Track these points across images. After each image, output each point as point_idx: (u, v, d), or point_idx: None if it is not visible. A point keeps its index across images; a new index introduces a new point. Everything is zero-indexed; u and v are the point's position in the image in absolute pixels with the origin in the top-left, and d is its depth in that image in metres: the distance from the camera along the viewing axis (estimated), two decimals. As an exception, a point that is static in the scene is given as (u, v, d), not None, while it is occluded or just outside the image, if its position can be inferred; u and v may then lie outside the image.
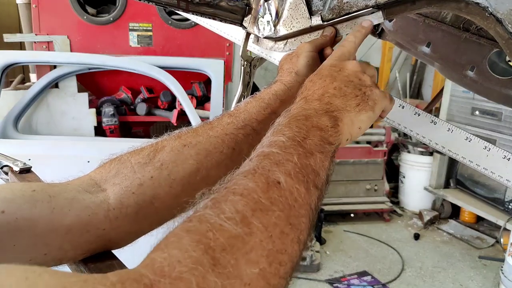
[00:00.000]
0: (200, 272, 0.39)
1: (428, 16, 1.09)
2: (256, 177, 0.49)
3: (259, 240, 0.43)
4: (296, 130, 0.56)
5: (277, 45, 0.91)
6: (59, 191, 0.59)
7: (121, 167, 0.65)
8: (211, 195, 0.48)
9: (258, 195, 0.46)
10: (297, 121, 0.58)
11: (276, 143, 0.54)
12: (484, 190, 4.01)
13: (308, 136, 0.56)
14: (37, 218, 0.55)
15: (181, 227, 0.43)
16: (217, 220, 0.43)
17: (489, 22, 0.67)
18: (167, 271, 0.39)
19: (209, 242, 0.41)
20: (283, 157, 0.51)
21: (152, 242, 0.46)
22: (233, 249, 0.42)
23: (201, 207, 0.46)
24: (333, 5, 0.81)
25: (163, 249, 0.41)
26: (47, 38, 3.04)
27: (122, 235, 0.63)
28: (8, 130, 2.60)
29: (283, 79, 0.77)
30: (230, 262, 0.41)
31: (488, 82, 1.03)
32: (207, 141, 0.69)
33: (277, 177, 0.49)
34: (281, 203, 0.47)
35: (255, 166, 0.50)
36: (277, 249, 0.44)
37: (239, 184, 0.48)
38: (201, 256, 0.40)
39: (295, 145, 0.54)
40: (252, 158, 0.53)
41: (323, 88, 0.64)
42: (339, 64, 0.68)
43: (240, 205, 0.45)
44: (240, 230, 0.43)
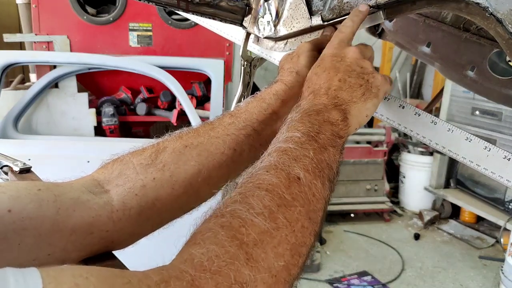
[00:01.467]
0: (236, 266, 0.41)
1: (428, 16, 1.09)
2: (278, 172, 0.51)
3: (284, 234, 0.46)
4: (309, 125, 0.58)
5: (277, 45, 0.91)
6: (63, 190, 0.59)
7: (124, 168, 0.65)
8: (237, 189, 0.50)
9: (281, 191, 0.49)
10: (309, 116, 0.60)
11: (292, 139, 0.56)
12: (484, 190, 4.01)
13: (321, 131, 0.58)
14: (42, 218, 0.55)
15: (215, 222, 0.46)
16: (248, 216, 0.46)
17: (489, 22, 0.67)
18: (207, 266, 0.41)
19: (243, 238, 0.44)
20: (300, 153, 0.54)
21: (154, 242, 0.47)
22: (263, 243, 0.44)
23: (230, 201, 0.48)
24: (333, 5, 0.81)
25: (200, 243, 0.43)
26: (47, 38, 3.04)
27: (124, 237, 0.64)
28: (8, 130, 2.60)
29: (284, 79, 0.77)
30: (261, 256, 0.44)
31: (488, 82, 1.03)
32: (208, 142, 0.69)
33: (297, 173, 0.51)
34: (302, 198, 0.50)
35: (275, 162, 0.53)
36: (299, 242, 0.48)
37: (263, 179, 0.50)
38: (237, 251, 0.43)
39: (310, 140, 0.56)
40: (270, 152, 0.55)
41: (328, 81, 0.66)
42: (340, 53, 0.69)
43: (266, 200, 0.48)
44: (268, 225, 0.46)
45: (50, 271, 0.35)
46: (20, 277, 0.33)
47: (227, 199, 0.49)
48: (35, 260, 0.55)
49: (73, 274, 0.36)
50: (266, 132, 0.73)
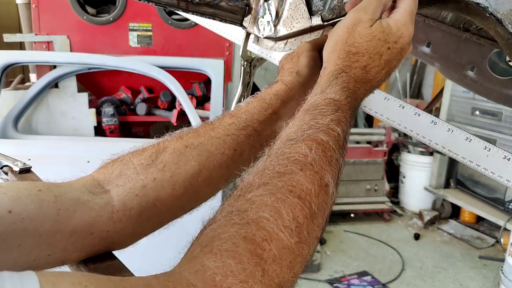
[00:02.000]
0: (249, 285, 0.40)
1: (428, 16, 1.09)
2: (313, 176, 0.48)
3: (302, 248, 0.45)
4: (347, 124, 0.56)
5: (277, 45, 0.91)
6: (64, 191, 0.59)
7: (124, 168, 0.65)
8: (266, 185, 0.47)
9: (312, 200, 0.47)
10: (349, 111, 0.58)
11: (334, 135, 0.53)
12: (484, 190, 4.01)
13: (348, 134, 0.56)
14: (43, 218, 0.55)
15: (238, 230, 0.43)
16: (275, 229, 0.43)
17: (489, 22, 0.67)
18: (218, 282, 0.39)
19: (263, 254, 0.42)
20: (335, 157, 0.52)
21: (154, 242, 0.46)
22: (281, 259, 0.43)
23: (259, 203, 0.45)
24: (333, 5, 0.81)
25: (217, 254, 0.41)
26: (47, 38, 3.04)
27: (125, 237, 0.63)
28: (8, 130, 2.60)
29: (284, 79, 0.77)
30: (276, 271, 0.42)
31: (488, 82, 1.03)
32: (208, 142, 0.69)
33: (328, 181, 0.49)
34: (323, 209, 0.48)
35: (312, 159, 0.49)
36: (310, 253, 0.47)
37: (297, 181, 0.47)
38: (254, 269, 0.41)
39: (343, 144, 0.54)
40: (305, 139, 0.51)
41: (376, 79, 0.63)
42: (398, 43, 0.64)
43: (297, 211, 0.45)
44: (292, 241, 0.44)
45: (49, 276, 0.35)
46: (18, 281, 0.32)
47: (255, 196, 0.46)
48: (35, 260, 0.55)
49: (72, 282, 0.36)
50: (266, 132, 0.73)
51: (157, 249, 1.48)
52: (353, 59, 0.63)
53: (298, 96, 0.76)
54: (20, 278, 0.33)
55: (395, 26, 0.64)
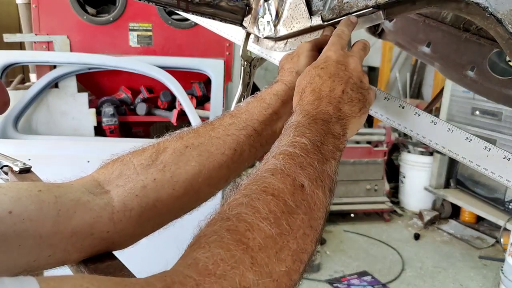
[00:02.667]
0: (241, 270, 0.41)
1: (428, 16, 1.09)
2: (284, 177, 0.51)
3: (286, 241, 0.47)
4: (316, 134, 0.59)
5: (277, 45, 0.91)
6: (64, 191, 0.59)
7: (124, 168, 0.65)
8: (242, 191, 0.50)
9: (286, 197, 0.49)
10: (316, 124, 0.60)
11: (299, 145, 0.56)
12: (484, 190, 4.01)
13: (325, 142, 0.59)
14: (43, 219, 0.55)
15: (220, 225, 0.46)
16: (254, 220, 0.46)
17: (489, 22, 0.67)
18: (212, 270, 0.41)
19: (249, 242, 0.44)
20: (306, 161, 0.54)
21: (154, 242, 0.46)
22: (267, 248, 0.45)
23: (235, 204, 0.48)
24: (333, 5, 0.81)
25: (205, 247, 0.43)
26: (47, 38, 3.04)
27: (125, 237, 0.63)
28: (8, 130, 2.60)
29: (284, 78, 0.77)
30: (264, 260, 0.44)
31: (488, 82, 1.03)
32: (209, 142, 0.69)
33: (302, 181, 0.52)
34: (304, 206, 0.50)
35: (281, 166, 0.53)
36: (300, 249, 0.48)
37: (269, 183, 0.51)
38: (242, 255, 0.43)
39: (315, 150, 0.57)
40: (275, 155, 0.56)
41: (332, 90, 0.66)
42: (344, 61, 0.70)
43: (272, 205, 0.48)
44: (273, 231, 0.46)
45: (50, 281, 0.35)
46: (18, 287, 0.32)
47: (232, 201, 0.49)
48: (35, 261, 0.55)
49: (74, 285, 0.36)
50: (266, 132, 0.73)
51: (157, 249, 1.48)
52: (302, 94, 0.68)
53: None
54: (21, 284, 0.33)
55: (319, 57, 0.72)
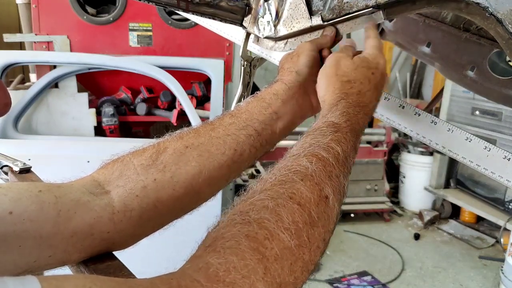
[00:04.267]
0: (252, 280, 0.41)
1: (428, 16, 1.09)
2: (313, 186, 0.51)
3: (302, 253, 0.46)
4: (348, 145, 0.59)
5: (277, 45, 0.91)
6: (64, 192, 0.59)
7: (124, 169, 0.65)
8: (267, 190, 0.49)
9: (311, 208, 0.49)
10: (351, 135, 0.61)
11: (334, 153, 0.56)
12: (484, 190, 4.01)
13: (350, 156, 0.59)
14: (43, 220, 0.55)
15: (240, 229, 0.45)
16: (275, 229, 0.45)
17: (489, 22, 0.67)
18: (221, 276, 0.40)
19: (265, 252, 0.43)
20: (335, 172, 0.54)
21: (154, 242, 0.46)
22: (283, 259, 0.44)
23: (260, 205, 0.47)
24: (333, 5, 0.81)
25: (220, 252, 0.42)
26: (47, 38, 3.04)
27: (125, 238, 0.63)
28: (8, 130, 2.60)
29: (284, 78, 0.77)
30: (277, 271, 0.43)
31: (488, 82, 1.03)
32: (209, 142, 0.69)
33: (328, 193, 0.52)
34: (324, 219, 0.50)
35: (312, 171, 0.52)
36: (310, 260, 0.48)
37: (297, 189, 0.50)
38: (256, 265, 0.42)
39: (344, 162, 0.57)
40: (307, 154, 0.55)
41: (372, 101, 0.69)
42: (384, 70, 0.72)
43: (296, 215, 0.47)
44: (292, 242, 0.45)
45: (51, 280, 0.34)
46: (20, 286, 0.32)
47: (256, 200, 0.48)
48: (35, 261, 0.55)
49: (76, 285, 0.35)
50: (266, 132, 0.73)
51: (157, 249, 1.48)
52: (348, 86, 0.68)
53: (298, 95, 0.76)
54: (23, 284, 0.32)
55: (370, 56, 0.73)
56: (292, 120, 0.76)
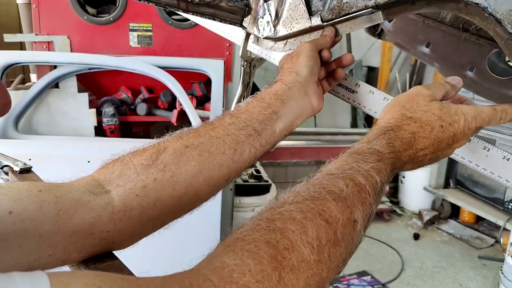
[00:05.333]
0: (265, 286, 0.41)
1: (428, 17, 1.09)
2: (344, 208, 0.51)
3: (321, 269, 0.46)
4: (385, 177, 0.58)
5: (277, 45, 0.91)
6: (64, 191, 0.59)
7: (124, 168, 0.65)
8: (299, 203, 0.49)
9: (337, 227, 0.49)
10: (390, 167, 0.60)
11: (372, 181, 0.55)
12: (484, 190, 4.01)
13: (383, 187, 0.59)
14: (43, 219, 0.55)
15: (262, 235, 0.45)
16: (298, 242, 0.45)
17: (488, 23, 0.67)
18: (235, 278, 0.40)
19: (283, 261, 0.43)
20: (368, 200, 0.54)
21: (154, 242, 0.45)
22: (299, 271, 0.44)
23: (287, 215, 0.47)
24: (332, 6, 0.81)
25: (238, 253, 0.42)
26: (47, 38, 3.04)
27: (125, 237, 0.64)
28: (8, 130, 2.60)
29: (283, 78, 0.77)
30: (291, 281, 0.43)
31: (488, 82, 1.04)
32: (209, 142, 0.69)
33: (357, 217, 0.52)
34: (347, 241, 0.50)
35: (346, 195, 0.52)
36: (328, 277, 0.48)
37: (328, 207, 0.50)
38: (271, 272, 0.42)
39: (379, 192, 0.57)
40: (345, 176, 0.54)
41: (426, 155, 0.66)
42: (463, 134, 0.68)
43: (322, 232, 0.47)
44: (312, 257, 0.45)
45: (61, 277, 0.34)
46: (28, 283, 0.32)
47: (285, 210, 0.48)
48: (35, 261, 0.55)
49: (86, 283, 0.35)
50: (266, 132, 0.73)
51: (157, 249, 1.48)
52: (405, 122, 0.66)
53: (298, 96, 0.76)
54: (31, 279, 0.32)
55: (454, 110, 0.67)
56: (292, 120, 0.77)
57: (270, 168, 4.28)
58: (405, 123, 0.66)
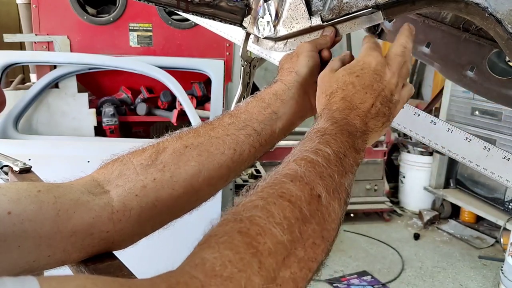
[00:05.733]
0: (248, 274, 0.41)
1: (428, 17, 1.09)
2: (302, 186, 0.51)
3: (294, 248, 0.46)
4: (340, 145, 0.59)
5: (277, 45, 0.91)
6: (63, 191, 0.59)
7: (124, 168, 0.65)
8: (258, 192, 0.50)
9: (302, 205, 0.49)
10: (342, 135, 0.60)
11: (323, 154, 0.56)
12: (484, 190, 4.01)
13: (347, 155, 0.59)
14: (42, 220, 0.55)
15: (232, 226, 0.45)
16: (267, 224, 0.46)
17: (488, 23, 0.67)
18: (218, 271, 0.40)
19: (259, 246, 0.44)
20: (327, 172, 0.54)
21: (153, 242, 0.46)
22: (276, 254, 0.44)
23: (250, 206, 0.48)
24: (332, 6, 0.81)
25: (214, 247, 0.43)
26: (47, 38, 3.04)
27: (124, 237, 0.63)
28: (8, 130, 2.60)
29: (283, 78, 0.77)
30: (272, 265, 0.44)
31: (488, 82, 1.04)
32: (208, 142, 0.69)
33: (319, 191, 0.52)
34: (318, 216, 0.50)
35: (302, 173, 0.52)
36: (308, 257, 0.48)
37: (287, 189, 0.50)
38: (251, 259, 0.42)
39: (337, 161, 0.57)
40: (296, 159, 0.55)
41: (363, 103, 0.66)
42: (381, 70, 0.68)
43: (287, 211, 0.48)
44: (284, 237, 0.46)
45: (51, 281, 0.34)
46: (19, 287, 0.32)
47: (247, 202, 0.49)
48: (35, 261, 0.55)
49: (77, 285, 0.35)
50: (266, 132, 0.73)
51: (157, 249, 1.48)
52: (330, 97, 0.68)
53: (297, 95, 0.76)
54: (22, 285, 0.32)
55: (355, 60, 0.71)
56: (292, 120, 0.76)
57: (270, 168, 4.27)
58: (331, 98, 0.67)
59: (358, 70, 0.68)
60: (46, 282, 0.34)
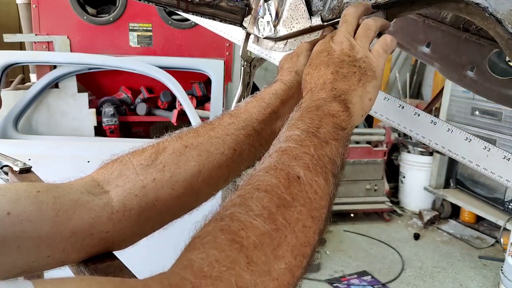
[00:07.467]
0: (237, 271, 0.41)
1: (428, 17, 1.09)
2: (277, 172, 0.50)
3: (284, 236, 0.45)
4: (309, 121, 0.57)
5: (277, 45, 0.91)
6: (63, 192, 0.59)
7: (123, 169, 0.65)
8: (237, 191, 0.50)
9: (281, 191, 0.48)
10: (308, 113, 0.59)
11: (292, 138, 0.55)
12: (484, 190, 4.01)
13: (321, 125, 0.57)
14: (42, 220, 0.55)
15: (214, 225, 0.45)
16: (247, 218, 0.45)
17: (489, 23, 0.67)
18: (207, 271, 0.40)
19: (243, 241, 0.43)
20: (300, 151, 0.53)
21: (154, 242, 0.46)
22: (263, 246, 0.43)
23: (230, 204, 0.47)
24: (333, 6, 0.81)
25: (200, 248, 0.42)
26: (47, 38, 3.04)
27: (124, 237, 0.63)
28: (8, 130, 2.60)
29: (283, 78, 0.77)
30: (261, 259, 0.43)
31: (488, 82, 1.04)
32: (208, 142, 0.69)
33: (297, 172, 0.50)
34: (302, 197, 0.49)
35: (275, 162, 0.52)
36: (300, 243, 0.46)
37: (262, 180, 0.49)
38: (237, 255, 0.42)
39: (310, 136, 0.55)
40: (271, 153, 0.54)
41: (321, 77, 0.66)
42: (325, 47, 0.69)
43: (265, 201, 0.47)
44: (268, 227, 0.45)
45: (47, 284, 0.34)
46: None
47: (227, 202, 0.49)
48: (34, 261, 0.55)
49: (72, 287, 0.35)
50: (266, 132, 0.73)
51: (157, 249, 1.48)
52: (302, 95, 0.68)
53: (297, 95, 0.76)
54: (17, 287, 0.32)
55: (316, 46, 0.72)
56: (292, 120, 0.76)
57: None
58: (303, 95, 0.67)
59: (309, 60, 0.70)
60: (42, 285, 0.34)
